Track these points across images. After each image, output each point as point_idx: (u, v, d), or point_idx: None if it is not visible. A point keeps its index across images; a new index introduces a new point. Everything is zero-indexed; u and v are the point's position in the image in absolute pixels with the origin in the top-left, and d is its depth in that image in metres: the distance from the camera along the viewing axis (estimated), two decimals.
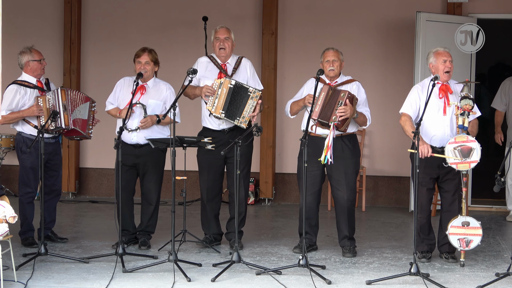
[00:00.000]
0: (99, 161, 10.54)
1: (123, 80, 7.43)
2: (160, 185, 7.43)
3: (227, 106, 7.09)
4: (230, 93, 7.09)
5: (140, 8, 10.46)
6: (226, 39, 7.29)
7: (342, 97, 6.88)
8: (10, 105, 7.26)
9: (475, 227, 6.70)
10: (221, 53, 7.31)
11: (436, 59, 6.92)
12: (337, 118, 6.85)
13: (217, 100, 7.09)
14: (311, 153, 6.82)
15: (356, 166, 7.18)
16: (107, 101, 7.40)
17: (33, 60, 7.37)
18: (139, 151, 7.25)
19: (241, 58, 7.42)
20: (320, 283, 6.16)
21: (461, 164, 6.64)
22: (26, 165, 7.33)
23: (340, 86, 7.14)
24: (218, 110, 7.09)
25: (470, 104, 6.71)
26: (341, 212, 7.17)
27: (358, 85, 7.22)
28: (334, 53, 7.16)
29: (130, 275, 6.35)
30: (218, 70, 7.31)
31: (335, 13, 10.11)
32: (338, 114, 6.85)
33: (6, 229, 6.02)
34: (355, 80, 7.25)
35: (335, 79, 7.20)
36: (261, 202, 10.24)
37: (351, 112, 6.91)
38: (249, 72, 7.40)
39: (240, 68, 7.38)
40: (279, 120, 10.19)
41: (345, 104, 6.87)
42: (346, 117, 6.90)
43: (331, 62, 7.12)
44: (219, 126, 7.28)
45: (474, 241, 6.70)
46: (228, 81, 7.11)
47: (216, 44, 7.31)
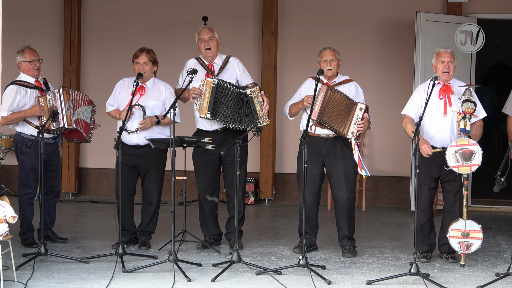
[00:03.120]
0: (99, 161, 10.54)
1: (123, 82, 7.42)
2: (161, 185, 7.42)
3: (211, 106, 7.02)
4: (213, 92, 7.01)
5: (140, 8, 10.46)
6: (210, 39, 7.25)
7: (360, 111, 6.89)
8: (11, 106, 7.24)
9: (475, 230, 6.69)
10: (208, 53, 7.26)
11: (436, 59, 6.93)
12: (356, 133, 6.91)
13: (202, 101, 7.06)
14: (311, 153, 6.82)
15: (355, 166, 7.15)
16: (107, 103, 7.39)
17: (24, 61, 7.35)
18: (139, 152, 7.25)
19: (228, 57, 7.37)
20: (320, 283, 6.16)
21: (462, 168, 6.63)
22: (26, 165, 7.32)
23: (338, 86, 7.13)
24: (204, 111, 7.03)
25: (471, 107, 6.70)
26: (341, 212, 7.17)
27: (356, 86, 7.20)
28: (331, 53, 7.14)
29: (130, 275, 6.35)
30: (205, 71, 7.29)
31: (335, 13, 10.11)
32: (357, 129, 6.91)
33: (6, 229, 6.02)
34: (352, 80, 7.23)
35: (332, 78, 7.18)
36: (261, 202, 10.24)
37: (367, 124, 6.99)
38: (239, 71, 7.34)
39: (228, 67, 7.32)
40: (279, 120, 10.19)
41: (363, 118, 6.90)
42: (365, 130, 6.97)
43: (329, 62, 7.11)
44: (211, 126, 7.25)
45: (475, 245, 6.69)
46: (211, 81, 7.04)
47: (202, 45, 7.27)
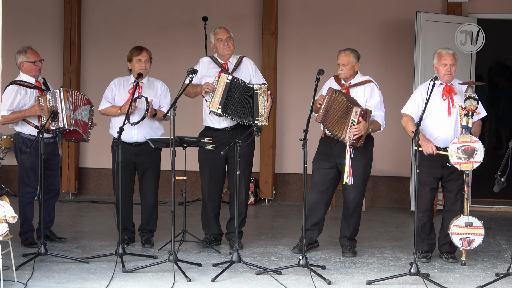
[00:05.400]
0: (99, 161, 10.54)
1: (118, 80, 7.47)
2: (158, 183, 7.49)
3: (223, 101, 7.10)
4: (226, 88, 7.11)
5: (140, 8, 10.46)
6: (228, 39, 7.34)
7: (355, 115, 6.81)
8: (11, 106, 7.26)
9: (477, 226, 6.70)
10: (226, 51, 7.33)
11: (438, 61, 6.91)
12: (352, 138, 6.84)
13: (214, 96, 7.12)
14: (324, 153, 7.15)
15: (365, 169, 7.12)
16: (102, 100, 7.38)
17: (27, 61, 7.37)
18: (137, 150, 7.28)
19: (242, 58, 7.46)
20: (320, 283, 6.16)
21: (464, 164, 6.64)
22: (26, 165, 7.33)
23: (353, 88, 7.10)
24: (215, 105, 7.11)
25: (474, 104, 6.70)
26: (346, 212, 7.21)
27: (372, 87, 7.14)
28: (344, 57, 7.11)
29: (130, 275, 6.35)
30: (219, 69, 7.34)
31: (335, 13, 10.11)
32: (352, 134, 6.83)
33: (6, 229, 6.02)
34: (371, 81, 7.17)
35: (349, 80, 7.16)
36: (261, 202, 10.24)
37: (365, 128, 6.86)
38: (252, 70, 7.43)
39: (241, 67, 7.41)
40: (279, 120, 10.19)
41: (358, 122, 6.83)
42: (361, 135, 6.87)
43: (340, 66, 7.13)
44: (220, 124, 7.29)
45: (476, 241, 6.70)
46: (225, 76, 7.14)
47: (220, 45, 7.33)
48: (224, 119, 7.26)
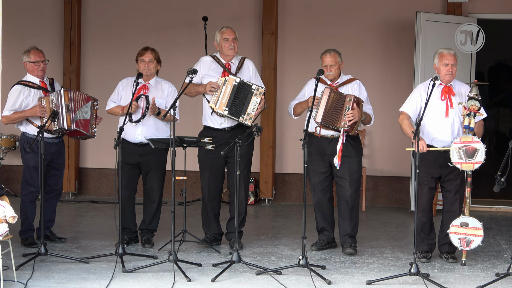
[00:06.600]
0: (99, 161, 10.54)
1: (126, 80, 7.47)
2: (163, 183, 7.46)
3: (230, 103, 7.13)
4: (234, 90, 7.14)
5: (140, 8, 10.46)
6: (234, 40, 7.35)
7: (349, 102, 6.94)
8: (14, 105, 7.28)
9: (476, 227, 6.70)
10: (231, 52, 7.34)
11: (439, 61, 6.91)
12: (347, 123, 6.90)
13: (221, 97, 7.13)
14: (316, 153, 7.14)
15: (360, 165, 7.27)
16: (109, 100, 7.43)
17: (29, 61, 7.37)
18: (142, 150, 7.28)
19: (244, 59, 7.47)
20: (320, 283, 6.16)
21: (465, 164, 6.64)
22: (30, 164, 7.35)
23: (341, 87, 7.18)
24: (222, 107, 7.13)
25: (476, 105, 6.71)
26: (344, 209, 7.21)
27: (359, 84, 7.28)
28: (330, 58, 7.20)
29: (130, 275, 6.35)
30: (222, 69, 7.34)
31: (335, 13, 10.11)
32: (347, 119, 6.91)
33: (6, 229, 6.03)
34: (355, 79, 7.31)
35: (335, 80, 7.27)
36: (261, 202, 10.24)
37: (359, 115, 6.99)
38: (252, 72, 7.44)
39: (243, 68, 7.42)
40: (279, 120, 10.19)
41: (353, 108, 6.92)
42: (355, 121, 6.97)
43: (328, 67, 7.20)
44: (220, 124, 7.30)
45: (475, 242, 6.70)
46: (233, 78, 7.16)
47: (226, 45, 7.32)
48: (226, 120, 7.27)
